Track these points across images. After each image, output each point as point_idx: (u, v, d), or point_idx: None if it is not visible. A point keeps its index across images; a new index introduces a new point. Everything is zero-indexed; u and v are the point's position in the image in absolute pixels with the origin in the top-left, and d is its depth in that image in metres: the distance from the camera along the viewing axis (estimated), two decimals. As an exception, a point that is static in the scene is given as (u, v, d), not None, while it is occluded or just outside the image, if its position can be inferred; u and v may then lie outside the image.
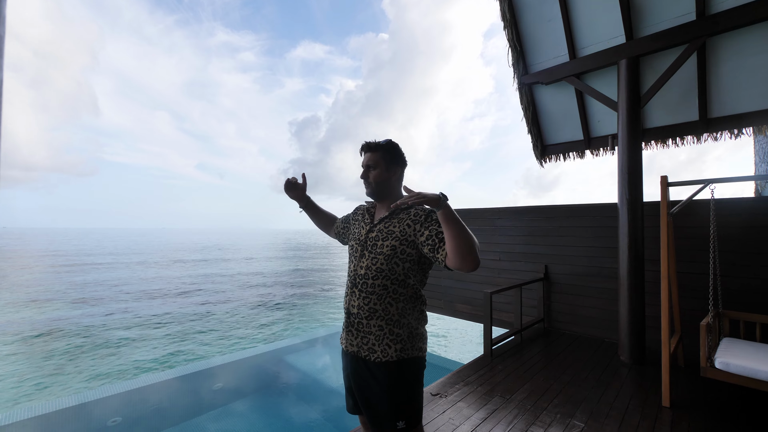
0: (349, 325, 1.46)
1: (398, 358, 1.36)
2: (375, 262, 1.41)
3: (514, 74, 4.68)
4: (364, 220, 1.57)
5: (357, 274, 1.45)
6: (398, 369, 1.36)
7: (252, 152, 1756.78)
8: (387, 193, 1.51)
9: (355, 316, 1.43)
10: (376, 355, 1.37)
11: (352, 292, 1.46)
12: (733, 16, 3.14)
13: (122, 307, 15.27)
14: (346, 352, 1.49)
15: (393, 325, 1.38)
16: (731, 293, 3.43)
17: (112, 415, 4.09)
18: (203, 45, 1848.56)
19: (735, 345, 2.69)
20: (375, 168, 1.48)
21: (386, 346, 1.37)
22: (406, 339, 1.38)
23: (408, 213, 1.44)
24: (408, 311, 1.41)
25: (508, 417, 2.58)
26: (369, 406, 1.40)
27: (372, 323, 1.39)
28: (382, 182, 1.49)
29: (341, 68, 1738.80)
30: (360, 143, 1.53)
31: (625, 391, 2.97)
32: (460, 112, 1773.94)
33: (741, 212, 3.47)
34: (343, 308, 1.51)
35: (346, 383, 1.53)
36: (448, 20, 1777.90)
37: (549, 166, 5.22)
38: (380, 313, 1.38)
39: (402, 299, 1.40)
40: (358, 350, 1.42)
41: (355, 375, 1.44)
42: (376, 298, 1.39)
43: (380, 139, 1.53)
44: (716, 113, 3.75)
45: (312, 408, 4.51)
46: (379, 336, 1.38)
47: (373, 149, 1.49)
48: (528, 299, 4.92)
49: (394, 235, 1.41)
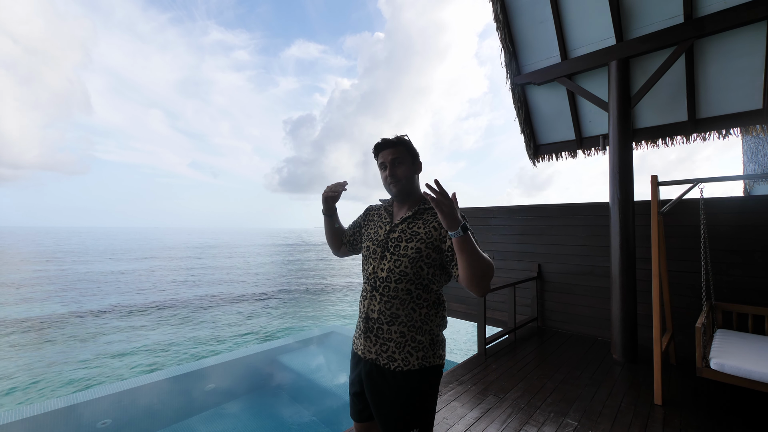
0: (368, 330, 1.36)
1: (420, 367, 1.29)
2: (398, 265, 1.32)
3: (507, 74, 4.71)
4: (382, 219, 1.48)
5: (377, 277, 1.36)
6: (418, 378, 1.30)
7: (246, 151, 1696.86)
8: (412, 191, 1.42)
9: (374, 322, 1.35)
10: (396, 363, 1.30)
11: (372, 296, 1.36)
12: (720, 20, 3.19)
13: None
14: (362, 359, 1.40)
15: (415, 332, 1.31)
16: (722, 290, 3.48)
17: (101, 417, 4.02)
18: (197, 43, 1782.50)
19: (729, 339, 2.73)
20: (402, 163, 1.38)
21: (407, 354, 1.30)
22: (427, 346, 1.31)
23: (433, 214, 1.36)
24: (431, 317, 1.34)
25: (502, 416, 2.59)
26: (383, 414, 1.32)
27: (393, 329, 1.31)
28: (410, 178, 1.39)
29: (335, 67, 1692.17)
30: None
31: (618, 389, 3.00)
32: (455, 112, 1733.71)
33: (730, 211, 3.53)
34: (360, 313, 1.43)
35: (354, 389, 1.45)
36: (443, 20, 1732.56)
37: (542, 165, 5.27)
38: (402, 319, 1.31)
39: (425, 305, 1.33)
40: (376, 358, 1.34)
41: (370, 383, 1.35)
42: (399, 303, 1.31)
43: (375, 137, 1.47)
44: (704, 114, 3.82)
45: (306, 409, 4.49)
46: (400, 343, 1.30)
47: (395, 144, 1.38)
48: (521, 298, 4.94)
49: (419, 236, 1.32)
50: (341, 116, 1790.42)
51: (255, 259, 38.87)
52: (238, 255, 44.13)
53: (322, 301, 17.88)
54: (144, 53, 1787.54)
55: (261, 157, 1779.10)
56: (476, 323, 3.91)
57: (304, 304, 16.71)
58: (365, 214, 1.61)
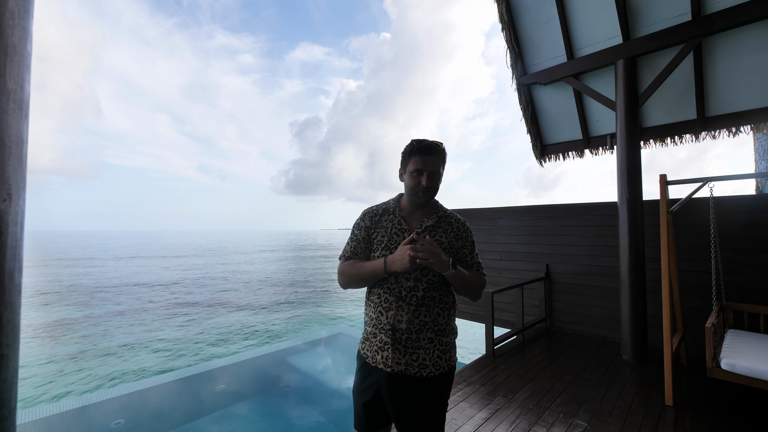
0: (396, 342, 1.33)
1: (449, 368, 1.36)
2: (426, 274, 1.34)
3: (513, 75, 4.71)
4: (395, 225, 1.41)
5: (403, 287, 1.33)
6: (446, 379, 1.36)
7: (252, 154, 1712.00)
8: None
9: (403, 332, 1.32)
10: (428, 370, 1.32)
11: (399, 306, 1.33)
12: (728, 16, 3.16)
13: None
14: (380, 371, 1.35)
15: (442, 335, 1.36)
16: (733, 290, 3.43)
17: (115, 417, 4.10)
18: (203, 48, 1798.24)
19: (740, 339, 2.70)
20: (441, 175, 1.38)
21: (437, 358, 1.33)
22: (452, 346, 1.40)
23: (450, 223, 1.43)
24: (452, 316, 1.42)
25: (511, 417, 2.59)
26: (407, 421, 1.33)
27: (422, 336, 1.33)
28: (437, 186, 1.39)
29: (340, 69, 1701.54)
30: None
31: (628, 390, 2.97)
32: (462, 112, 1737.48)
33: (741, 210, 3.48)
34: (379, 325, 1.36)
35: (365, 398, 1.40)
36: (450, 20, 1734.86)
37: (549, 165, 5.25)
38: (430, 325, 1.34)
39: (447, 307, 1.39)
40: (405, 368, 1.32)
41: (395, 393, 1.33)
42: (426, 310, 1.34)
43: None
44: (714, 112, 3.77)
45: (314, 410, 4.51)
46: (429, 349, 1.33)
47: (440, 154, 1.35)
48: (529, 299, 4.92)
49: (443, 246, 1.37)
50: (347, 118, 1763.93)
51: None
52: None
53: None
54: (151, 58, 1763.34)
55: (267, 160, 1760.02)
56: (484, 324, 3.90)
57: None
58: (369, 219, 1.45)
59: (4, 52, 0.44)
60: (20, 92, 0.45)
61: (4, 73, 0.44)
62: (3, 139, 0.43)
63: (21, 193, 0.45)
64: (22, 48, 0.46)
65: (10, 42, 0.44)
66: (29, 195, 2.52)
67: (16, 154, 0.45)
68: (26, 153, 0.46)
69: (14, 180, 0.45)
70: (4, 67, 0.44)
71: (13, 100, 0.44)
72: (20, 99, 0.45)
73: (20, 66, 0.45)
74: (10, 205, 0.44)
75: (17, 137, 0.45)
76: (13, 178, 0.44)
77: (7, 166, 0.44)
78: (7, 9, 0.44)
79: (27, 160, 0.47)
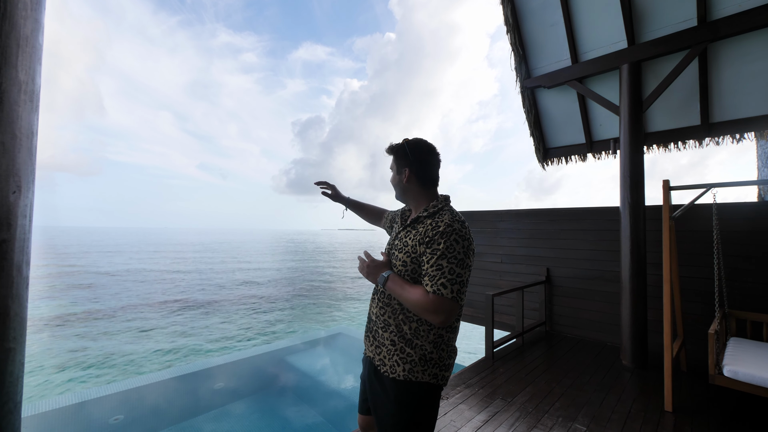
0: (368, 330, 1.44)
1: (405, 378, 1.27)
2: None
3: (517, 77, 4.71)
4: (397, 222, 1.55)
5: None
6: (405, 389, 1.27)
7: (254, 153, 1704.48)
8: (410, 197, 1.44)
9: (373, 323, 1.41)
10: (385, 368, 1.32)
11: (374, 298, 1.42)
12: (734, 23, 3.16)
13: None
14: (365, 355, 1.48)
15: (404, 344, 1.29)
16: (735, 297, 3.42)
17: (113, 413, 4.09)
18: (206, 46, 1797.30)
19: (742, 347, 2.69)
20: (392, 171, 1.47)
21: (395, 363, 1.29)
22: (416, 361, 1.26)
23: (424, 224, 1.30)
24: (422, 333, 1.27)
25: (510, 420, 2.58)
26: (375, 412, 1.37)
27: (386, 336, 1.33)
28: (395, 185, 1.47)
29: (343, 69, 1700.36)
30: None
31: (628, 395, 2.96)
32: (464, 114, 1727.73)
33: (744, 217, 3.47)
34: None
35: (363, 378, 1.51)
36: (455, 21, 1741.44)
37: (551, 169, 5.24)
38: (393, 328, 1.31)
39: (416, 319, 1.28)
40: (373, 357, 1.38)
41: (369, 380, 1.41)
42: (391, 311, 1.33)
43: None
44: (718, 118, 3.77)
45: (313, 409, 4.50)
46: (390, 351, 1.31)
47: (390, 152, 1.47)
48: (530, 302, 4.91)
49: (407, 249, 1.30)
50: (350, 118, 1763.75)
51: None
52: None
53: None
54: (154, 56, 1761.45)
55: (268, 159, 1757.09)
56: (484, 327, 3.89)
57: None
58: (397, 211, 1.70)
59: (17, 43, 0.43)
60: (31, 84, 0.45)
61: (16, 63, 0.43)
62: (14, 131, 0.43)
63: (30, 186, 0.45)
64: (34, 39, 0.45)
65: (23, 33, 0.44)
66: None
67: (26, 147, 0.44)
68: (36, 146, 0.46)
69: (24, 173, 0.44)
70: (16, 58, 0.43)
71: (24, 91, 0.44)
72: (31, 91, 0.45)
73: (32, 58, 0.45)
74: (20, 197, 0.44)
75: (28, 129, 0.44)
76: (23, 171, 0.44)
77: (17, 158, 0.43)
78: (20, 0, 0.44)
79: (37, 154, 0.46)
